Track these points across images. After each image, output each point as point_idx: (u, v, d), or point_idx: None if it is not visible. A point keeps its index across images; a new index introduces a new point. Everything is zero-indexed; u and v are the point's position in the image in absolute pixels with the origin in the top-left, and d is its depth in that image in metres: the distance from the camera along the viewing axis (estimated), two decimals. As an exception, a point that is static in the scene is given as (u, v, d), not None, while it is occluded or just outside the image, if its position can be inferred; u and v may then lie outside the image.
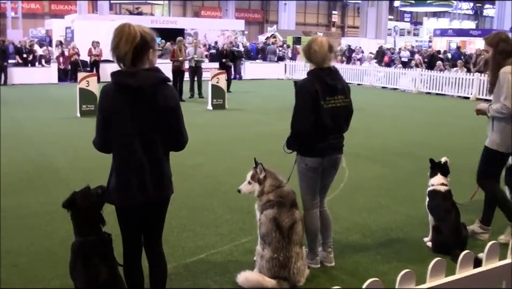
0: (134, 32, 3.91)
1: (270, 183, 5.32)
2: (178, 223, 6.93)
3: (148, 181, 4.04)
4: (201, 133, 13.23)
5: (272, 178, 5.35)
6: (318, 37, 5.57)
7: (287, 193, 5.31)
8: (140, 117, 3.96)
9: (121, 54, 3.92)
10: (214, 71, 20.39)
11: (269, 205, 5.22)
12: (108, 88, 4.01)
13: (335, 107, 5.37)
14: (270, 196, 5.25)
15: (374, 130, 14.99)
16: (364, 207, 8.06)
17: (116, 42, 3.92)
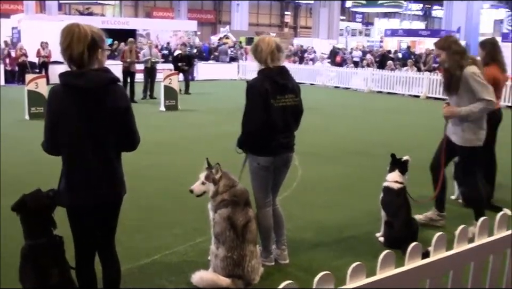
0: (84, 32, 3.88)
1: (224, 183, 5.33)
2: (132, 224, 6.88)
3: (98, 182, 4.00)
4: (155, 134, 13.18)
5: (226, 178, 5.37)
6: (266, 36, 5.61)
7: (241, 192, 5.35)
8: (89, 118, 3.91)
9: (74, 54, 3.87)
10: (167, 72, 20.31)
11: (223, 204, 5.24)
12: (56, 89, 3.95)
13: (285, 106, 5.41)
14: (224, 196, 5.27)
15: (327, 129, 15.14)
16: (317, 204, 8.14)
17: (68, 42, 3.87)
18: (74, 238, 4.19)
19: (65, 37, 3.89)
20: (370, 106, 22.19)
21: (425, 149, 12.31)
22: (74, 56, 3.88)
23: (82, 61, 3.89)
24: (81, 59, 3.88)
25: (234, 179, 5.44)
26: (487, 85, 6.43)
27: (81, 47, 3.85)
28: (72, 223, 4.14)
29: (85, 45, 3.86)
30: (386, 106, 22.37)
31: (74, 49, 3.86)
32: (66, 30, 3.92)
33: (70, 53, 3.88)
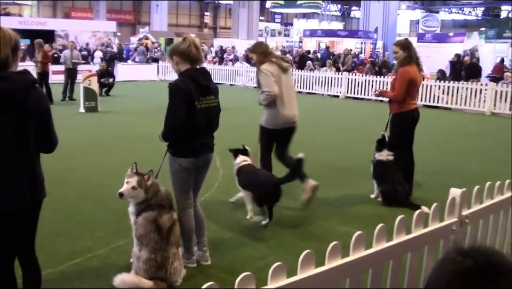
0: (8, 34, 3.89)
1: (153, 189, 5.33)
2: (53, 228, 6.81)
3: (23, 185, 3.97)
4: (74, 136, 13.00)
5: (153, 183, 5.36)
6: (189, 36, 5.65)
7: (166, 195, 5.37)
8: (13, 121, 3.89)
9: (2, 57, 3.85)
10: (86, 73, 20.01)
11: (149, 207, 5.24)
12: None
13: (208, 107, 5.47)
14: (151, 200, 5.28)
15: (246, 128, 15.17)
16: (238, 205, 8.15)
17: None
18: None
19: None
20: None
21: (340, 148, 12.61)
22: (1, 60, 3.84)
23: (7, 64, 3.88)
24: (7, 62, 3.87)
25: (157, 182, 5.42)
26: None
27: (7, 50, 3.86)
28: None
29: (10, 48, 3.88)
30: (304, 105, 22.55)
31: (1, 52, 3.84)
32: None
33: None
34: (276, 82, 7.78)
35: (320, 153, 12.05)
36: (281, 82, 7.91)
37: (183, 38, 5.58)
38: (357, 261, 3.30)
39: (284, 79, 8.02)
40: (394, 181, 8.25)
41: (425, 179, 9.60)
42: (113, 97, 23.32)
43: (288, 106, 8.17)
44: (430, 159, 11.30)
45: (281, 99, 8.01)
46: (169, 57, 5.64)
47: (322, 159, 11.51)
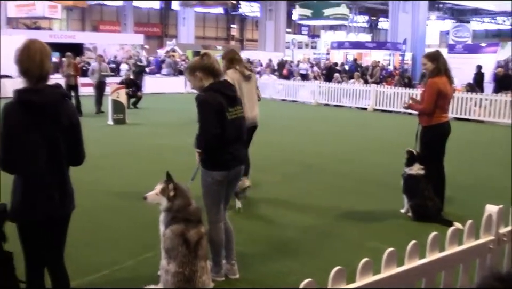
0: (48, 48, 4.03)
1: (179, 203, 5.25)
2: (81, 239, 6.77)
3: (54, 196, 4.04)
4: (102, 148, 13.03)
5: (181, 197, 5.27)
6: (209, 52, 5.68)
7: (194, 211, 5.28)
8: (44, 134, 3.96)
9: (45, 70, 3.97)
10: (114, 85, 20.07)
11: (175, 220, 5.18)
12: (11, 105, 3.95)
13: (236, 118, 5.47)
14: (177, 214, 5.21)
15: (273, 141, 15.12)
16: (266, 218, 8.14)
17: (40, 59, 3.95)
18: (25, 252, 4.19)
19: (39, 55, 3.97)
20: (317, 119, 22.31)
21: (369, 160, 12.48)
22: (44, 73, 3.97)
23: (47, 77, 4.01)
24: (48, 75, 4.01)
25: (189, 198, 5.34)
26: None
27: (49, 63, 4.00)
28: (23, 237, 4.14)
29: (50, 62, 4.03)
30: (333, 118, 22.51)
31: (46, 67, 3.98)
32: (37, 46, 4.01)
33: (41, 69, 3.96)
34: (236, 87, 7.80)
35: (348, 166, 11.95)
36: (242, 88, 8.47)
37: (203, 54, 5.59)
38: (389, 279, 3.23)
39: (245, 85, 8.71)
40: (425, 196, 8.08)
41: (457, 194, 9.40)
42: (141, 109, 23.38)
43: (248, 109, 8.33)
44: (462, 173, 11.11)
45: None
46: (190, 75, 5.59)
47: (350, 172, 11.41)
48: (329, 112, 25.00)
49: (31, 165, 3.99)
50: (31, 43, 4.02)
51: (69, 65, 21.05)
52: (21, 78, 4.04)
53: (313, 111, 25.78)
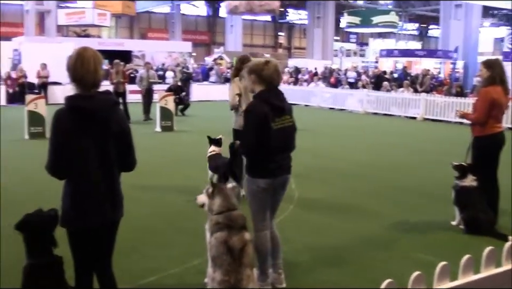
0: (101, 56, 4.09)
1: (219, 203, 5.23)
2: (128, 245, 6.78)
3: (104, 203, 4.08)
4: (149, 155, 13.10)
5: (222, 198, 5.26)
6: (271, 59, 5.60)
7: (236, 217, 5.21)
8: (95, 140, 3.99)
9: (98, 77, 4.02)
10: (162, 93, 20.19)
11: (218, 227, 5.13)
12: (62, 111, 4.00)
13: (283, 127, 5.42)
14: (219, 218, 5.16)
15: (322, 151, 15.05)
16: (313, 227, 8.06)
17: (94, 67, 4.00)
18: (74, 257, 4.23)
19: (92, 61, 4.02)
20: (365, 127, 22.15)
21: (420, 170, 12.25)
22: (96, 80, 4.03)
23: (99, 84, 4.06)
24: (100, 82, 4.06)
25: (233, 202, 5.30)
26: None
27: (101, 70, 4.06)
28: (73, 243, 4.18)
29: (102, 69, 4.09)
30: (381, 127, 22.28)
31: (99, 74, 4.03)
32: (90, 54, 4.05)
33: (95, 77, 4.01)
34: (243, 94, 9.28)
35: (396, 176, 11.78)
36: (247, 94, 8.83)
37: (266, 62, 5.52)
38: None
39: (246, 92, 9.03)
40: (478, 208, 7.86)
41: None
42: (189, 116, 23.51)
43: None
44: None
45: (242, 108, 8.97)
46: (247, 74, 5.62)
47: (399, 182, 11.23)
48: (378, 121, 24.79)
49: (81, 171, 4.02)
50: (84, 51, 4.05)
51: (117, 73, 21.24)
52: (73, 85, 4.07)
53: (361, 119, 25.60)
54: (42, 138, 15.45)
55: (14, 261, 5.89)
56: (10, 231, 4.39)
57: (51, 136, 4.03)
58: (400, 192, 10.29)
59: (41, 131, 16.31)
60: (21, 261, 4.44)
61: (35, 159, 12.13)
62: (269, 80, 5.43)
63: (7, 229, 4.47)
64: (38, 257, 4.32)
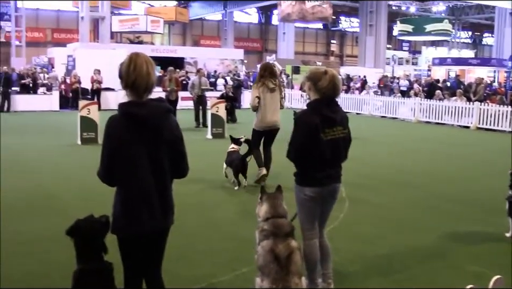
0: (153, 62, 4.10)
1: (265, 210, 5.24)
2: (177, 252, 6.78)
3: (156, 210, 4.08)
4: (200, 162, 13.12)
5: (269, 205, 5.26)
6: (330, 70, 5.53)
7: (282, 224, 5.18)
8: (147, 147, 4.01)
9: (150, 83, 4.03)
10: (214, 100, 20.28)
11: (263, 235, 5.12)
12: (116, 118, 4.03)
13: (334, 138, 5.37)
14: (264, 225, 5.16)
15: (373, 159, 14.93)
16: (364, 237, 7.98)
17: (147, 71, 4.02)
18: (124, 263, 4.25)
19: (147, 67, 4.03)
20: (417, 136, 21.90)
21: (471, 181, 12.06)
22: (149, 86, 4.03)
23: (152, 90, 4.07)
24: (153, 87, 4.07)
25: (280, 210, 5.28)
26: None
27: (154, 75, 4.07)
28: (124, 249, 4.20)
29: (155, 74, 4.10)
30: (434, 136, 22.01)
31: (151, 78, 4.03)
32: (140, 59, 4.05)
33: (147, 82, 4.02)
34: (260, 98, 10.93)
35: (448, 186, 11.61)
36: (265, 98, 10.92)
37: (325, 72, 5.46)
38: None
39: (269, 96, 10.95)
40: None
41: None
42: (240, 124, 23.49)
43: (269, 115, 11.03)
44: None
45: (264, 110, 11.01)
46: (305, 80, 5.59)
47: (451, 192, 11.07)
48: (430, 130, 24.48)
49: (132, 178, 4.03)
50: (136, 56, 4.07)
51: (170, 80, 21.28)
52: (125, 91, 4.08)
53: (413, 128, 25.31)
54: (95, 144, 15.73)
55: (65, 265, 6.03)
56: (61, 236, 4.45)
57: (104, 143, 4.06)
58: (453, 202, 10.14)
59: (94, 137, 16.54)
60: (72, 265, 4.48)
61: (86, 164, 12.38)
62: (323, 90, 5.37)
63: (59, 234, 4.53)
64: (88, 262, 4.34)
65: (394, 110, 29.43)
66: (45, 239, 7.38)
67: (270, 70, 11.32)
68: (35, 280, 6.07)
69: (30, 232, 7.74)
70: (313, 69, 5.72)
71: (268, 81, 10.96)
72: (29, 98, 29.28)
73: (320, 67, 5.87)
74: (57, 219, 8.03)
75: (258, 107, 10.99)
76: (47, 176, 11.64)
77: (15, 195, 9.83)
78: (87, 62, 30.04)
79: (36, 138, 17.77)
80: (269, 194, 5.34)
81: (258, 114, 11.10)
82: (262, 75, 11.14)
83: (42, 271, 6.34)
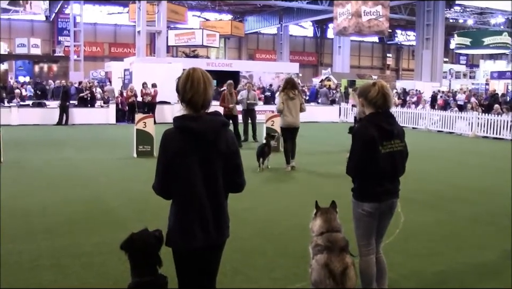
0: (210, 77, 4.10)
1: (319, 224, 5.21)
2: (231, 266, 6.85)
3: (210, 225, 4.07)
4: (254, 175, 13.16)
5: (323, 220, 5.22)
6: (379, 81, 5.51)
7: (336, 239, 5.13)
8: (203, 161, 4.01)
9: (208, 98, 4.06)
10: (269, 114, 20.28)
11: (317, 250, 5.08)
12: (171, 132, 4.05)
13: (392, 152, 5.33)
14: (318, 240, 5.12)
15: (428, 174, 14.73)
16: (419, 253, 7.85)
17: (204, 88, 4.03)
18: (179, 278, 4.25)
19: (203, 83, 4.04)
20: (473, 151, 21.53)
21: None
22: (206, 101, 4.05)
23: (208, 105, 4.09)
24: (210, 103, 4.08)
25: (334, 225, 5.24)
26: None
27: (211, 91, 4.07)
28: (178, 263, 4.20)
29: (212, 90, 4.09)
30: (491, 151, 21.60)
31: (208, 94, 4.04)
32: (200, 75, 4.08)
33: (204, 98, 4.03)
34: (284, 104, 14.47)
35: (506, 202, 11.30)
36: (288, 104, 14.46)
37: (373, 83, 5.45)
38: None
39: (291, 102, 14.50)
40: None
41: None
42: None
43: (290, 116, 14.53)
44: None
45: (286, 113, 14.54)
46: (358, 96, 5.60)
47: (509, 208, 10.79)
48: (488, 145, 24.03)
49: (187, 191, 4.04)
50: (193, 72, 4.08)
51: (231, 94, 20.62)
52: (182, 106, 4.11)
53: (471, 143, 24.88)
54: (150, 157, 15.89)
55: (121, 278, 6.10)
56: (117, 249, 4.49)
57: (159, 156, 4.08)
58: (510, 219, 9.92)
59: (149, 150, 16.72)
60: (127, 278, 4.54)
61: (142, 178, 12.52)
62: (374, 101, 5.34)
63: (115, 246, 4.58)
64: (143, 275, 4.37)
65: (451, 125, 29.02)
66: (100, 252, 7.46)
67: (291, 83, 14.98)
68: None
69: (88, 244, 7.83)
70: (362, 85, 5.74)
71: (289, 91, 14.57)
72: (87, 111, 29.82)
73: (368, 81, 5.86)
74: (114, 231, 8.14)
75: (282, 111, 14.50)
76: (104, 189, 11.80)
77: (69, 208, 9.99)
78: (144, 75, 30.38)
79: (93, 151, 18.06)
80: (322, 208, 5.31)
81: (282, 116, 14.68)
82: (285, 87, 14.81)
83: (99, 283, 6.40)
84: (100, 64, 57.63)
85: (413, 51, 66.55)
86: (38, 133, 23.16)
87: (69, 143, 20.19)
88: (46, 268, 6.82)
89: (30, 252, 7.39)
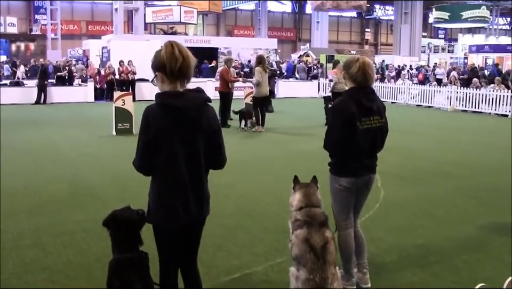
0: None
1: (298, 199, 5.18)
2: (213, 242, 6.88)
3: (191, 202, 4.07)
4: (234, 153, 13.15)
5: (302, 194, 5.20)
6: (362, 58, 5.49)
7: (315, 213, 5.11)
8: (184, 138, 3.99)
9: (191, 73, 4.01)
10: (247, 90, 20.22)
11: (297, 225, 5.07)
12: (153, 108, 4.00)
13: (370, 128, 5.34)
14: (297, 215, 5.11)
15: (409, 149, 14.80)
16: (400, 227, 7.91)
17: (189, 57, 3.98)
18: (160, 254, 4.27)
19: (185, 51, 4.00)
20: (453, 125, 21.65)
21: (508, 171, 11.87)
22: (191, 73, 4.02)
23: (189, 80, 4.06)
24: (190, 78, 4.05)
25: (313, 199, 5.22)
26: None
27: (192, 61, 4.01)
28: (159, 240, 4.22)
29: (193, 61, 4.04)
30: (470, 125, 21.74)
31: (191, 68, 4.00)
32: (180, 45, 4.01)
33: (191, 69, 4.01)
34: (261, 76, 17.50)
35: (486, 177, 11.42)
36: (263, 76, 17.60)
37: (357, 59, 5.42)
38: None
39: (264, 75, 17.72)
40: None
41: None
42: (274, 113, 23.42)
43: (265, 87, 17.81)
44: None
45: (261, 84, 17.55)
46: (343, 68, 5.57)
47: (489, 182, 10.89)
48: (467, 119, 24.17)
49: (168, 168, 4.02)
50: (175, 43, 4.00)
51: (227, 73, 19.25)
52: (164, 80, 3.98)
53: (450, 117, 25.04)
54: (130, 135, 15.91)
55: (102, 255, 6.10)
56: (99, 226, 4.49)
57: (140, 133, 4.03)
58: (491, 193, 9.97)
59: (128, 128, 16.69)
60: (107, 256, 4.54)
61: (122, 155, 12.50)
62: (354, 77, 5.33)
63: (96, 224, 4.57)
64: (123, 252, 4.37)
65: (430, 99, 29.13)
66: (82, 229, 7.46)
67: (264, 60, 18.53)
68: (73, 270, 6.14)
69: (70, 223, 7.82)
70: (348, 58, 5.70)
71: (264, 65, 17.80)
72: (65, 90, 29.72)
73: (355, 55, 5.84)
74: (95, 210, 8.15)
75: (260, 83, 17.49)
76: (85, 167, 11.76)
77: (51, 186, 10.00)
78: (122, 53, 30.27)
79: (73, 130, 17.98)
80: (301, 183, 5.30)
81: (258, 87, 17.55)
82: (260, 62, 17.93)
83: (80, 260, 6.41)
84: (78, 42, 57.13)
85: (392, 26, 66.64)
86: (16, 112, 22.97)
87: (48, 122, 20.12)
88: (27, 247, 6.82)
89: (12, 231, 7.38)
